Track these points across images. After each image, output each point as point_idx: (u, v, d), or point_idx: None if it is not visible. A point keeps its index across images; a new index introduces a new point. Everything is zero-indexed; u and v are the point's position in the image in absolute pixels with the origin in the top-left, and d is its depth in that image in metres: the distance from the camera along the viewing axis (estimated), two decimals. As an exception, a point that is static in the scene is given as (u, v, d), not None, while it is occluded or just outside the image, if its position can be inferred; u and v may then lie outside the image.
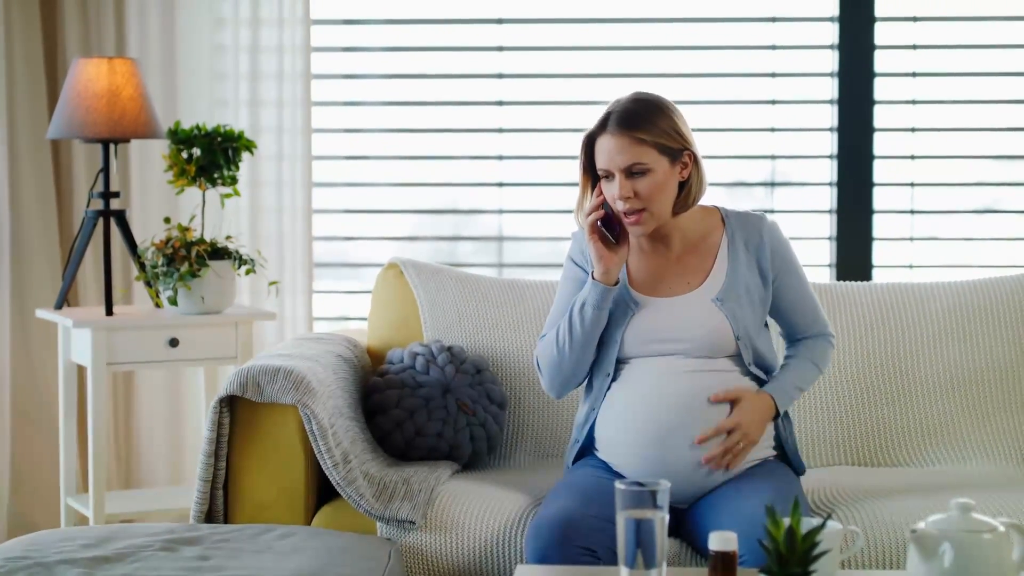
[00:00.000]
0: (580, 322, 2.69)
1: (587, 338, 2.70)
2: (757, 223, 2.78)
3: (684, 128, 2.68)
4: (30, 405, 4.24)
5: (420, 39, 4.39)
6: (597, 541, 2.48)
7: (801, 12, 4.34)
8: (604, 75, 4.35)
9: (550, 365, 2.76)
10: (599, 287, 2.67)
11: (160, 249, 3.65)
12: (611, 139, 2.64)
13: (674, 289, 2.74)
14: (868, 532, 2.69)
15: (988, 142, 4.35)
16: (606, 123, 2.66)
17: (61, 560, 2.42)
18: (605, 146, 2.65)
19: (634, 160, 2.63)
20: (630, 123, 2.63)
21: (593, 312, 2.68)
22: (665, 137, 2.64)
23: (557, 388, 2.78)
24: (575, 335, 2.70)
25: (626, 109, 2.65)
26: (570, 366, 2.73)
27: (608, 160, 2.65)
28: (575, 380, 2.77)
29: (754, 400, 2.67)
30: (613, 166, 2.64)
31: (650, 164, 2.63)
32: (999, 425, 3.19)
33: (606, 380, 2.73)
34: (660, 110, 2.66)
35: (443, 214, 4.48)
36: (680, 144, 2.67)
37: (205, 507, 2.85)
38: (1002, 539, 2.06)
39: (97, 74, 3.68)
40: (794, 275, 2.80)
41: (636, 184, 2.64)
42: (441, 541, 2.75)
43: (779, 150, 4.37)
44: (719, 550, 2.02)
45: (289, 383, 2.81)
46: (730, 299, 2.71)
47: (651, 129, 2.63)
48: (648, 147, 2.63)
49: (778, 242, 2.78)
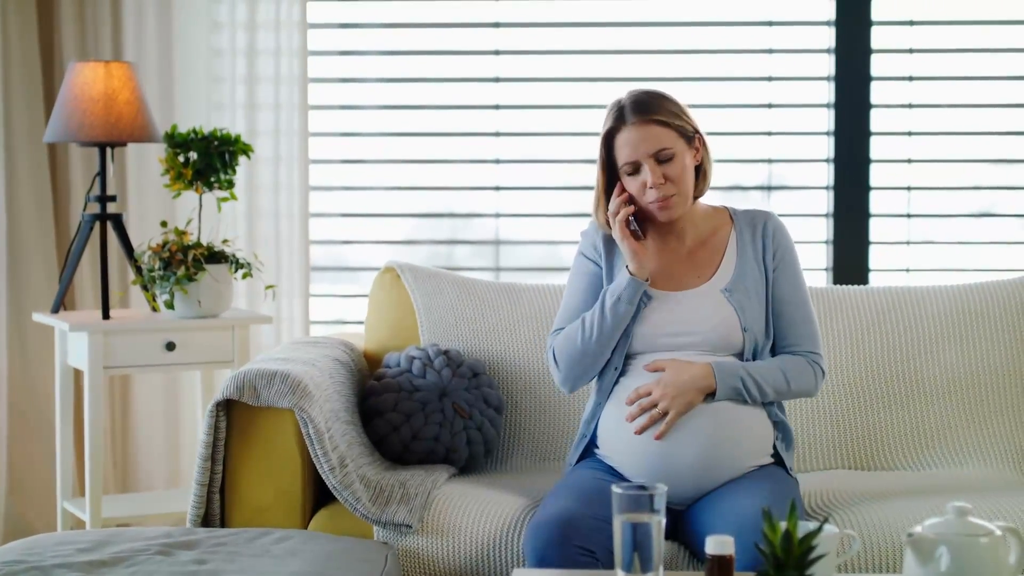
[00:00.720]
0: (613, 316, 2.71)
1: (614, 332, 2.73)
2: (762, 219, 2.84)
3: (690, 113, 2.75)
4: (27, 409, 4.24)
5: (417, 43, 4.39)
6: (596, 541, 2.48)
7: (798, 16, 4.34)
8: (601, 79, 4.35)
9: (570, 359, 2.77)
10: (636, 282, 2.70)
11: (157, 253, 3.65)
12: (634, 129, 2.68)
13: (685, 283, 2.78)
14: (865, 536, 2.69)
15: (985, 146, 4.35)
16: (623, 116, 2.70)
17: (58, 564, 2.42)
18: (629, 138, 2.69)
19: (661, 145, 2.68)
20: (647, 109, 2.69)
21: (626, 307, 2.70)
22: (680, 120, 2.71)
23: (572, 382, 2.80)
24: (605, 329, 2.72)
25: (637, 99, 2.71)
26: (591, 360, 2.75)
27: (633, 150, 2.68)
28: (591, 374, 2.79)
29: (684, 366, 2.67)
30: (640, 154, 2.68)
31: (674, 147, 2.69)
32: (996, 429, 3.19)
33: (615, 375, 2.76)
34: (666, 97, 2.73)
35: (440, 218, 4.48)
36: (692, 126, 2.73)
37: (202, 511, 2.85)
38: (998, 543, 2.06)
39: (94, 78, 3.68)
40: (790, 275, 2.81)
41: (665, 169, 2.69)
42: (438, 545, 2.75)
43: (776, 154, 4.37)
44: (715, 553, 2.02)
45: (286, 387, 2.81)
46: (738, 291, 2.75)
47: (665, 112, 2.69)
48: (670, 130, 2.69)
49: (781, 238, 2.82)
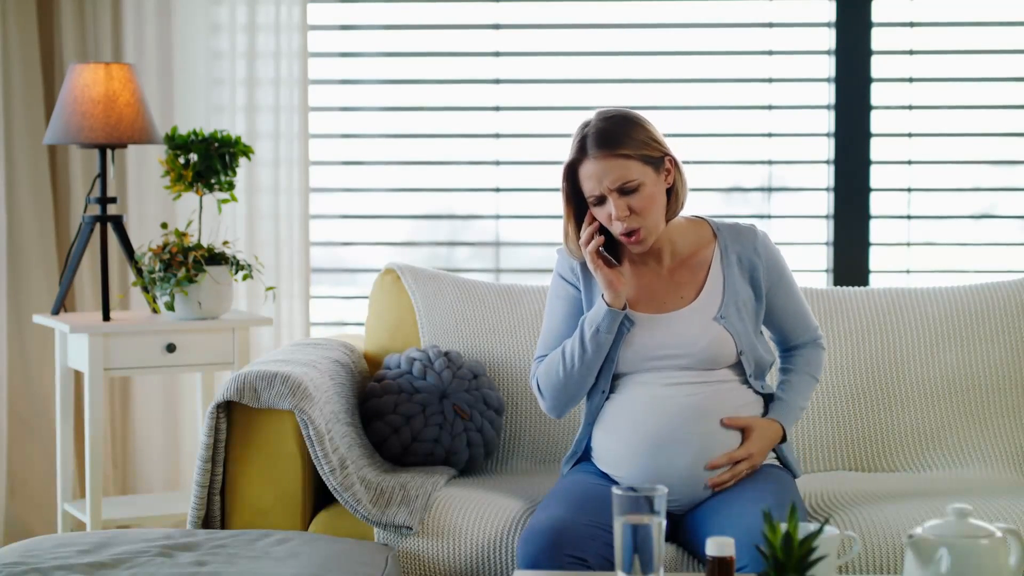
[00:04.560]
0: (593, 346, 2.68)
1: (596, 360, 2.70)
2: (750, 236, 2.77)
3: (658, 135, 2.67)
4: (27, 410, 4.24)
5: (417, 44, 4.39)
6: (588, 549, 2.48)
7: (798, 17, 4.34)
8: (601, 80, 4.35)
9: (554, 388, 2.75)
10: (612, 312, 2.66)
11: (157, 255, 3.65)
12: (595, 163, 2.62)
13: (668, 304, 2.74)
14: (865, 537, 2.69)
15: (985, 147, 4.35)
16: (584, 148, 2.64)
17: (58, 566, 2.42)
18: (590, 171, 2.63)
19: (623, 178, 2.61)
20: (609, 142, 2.62)
21: (605, 336, 2.67)
22: (645, 148, 2.63)
23: (559, 409, 2.78)
24: (586, 360, 2.69)
25: (600, 129, 2.64)
26: (575, 387, 2.73)
27: (596, 184, 2.63)
28: (578, 399, 2.77)
29: (764, 429, 2.69)
30: (603, 188, 2.63)
31: (639, 178, 2.62)
32: (996, 430, 3.19)
33: (602, 397, 2.74)
34: (632, 123, 2.65)
35: (440, 219, 4.48)
36: (660, 151, 2.66)
37: (202, 513, 2.85)
38: (999, 545, 2.06)
39: (94, 79, 3.68)
40: (786, 285, 2.80)
41: (630, 201, 2.62)
42: (438, 546, 2.75)
43: (776, 155, 4.37)
44: (716, 555, 2.02)
45: (286, 388, 2.81)
46: (730, 315, 2.71)
47: (630, 143, 2.62)
48: (633, 161, 2.62)
49: (771, 254, 2.78)
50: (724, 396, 2.68)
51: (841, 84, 4.29)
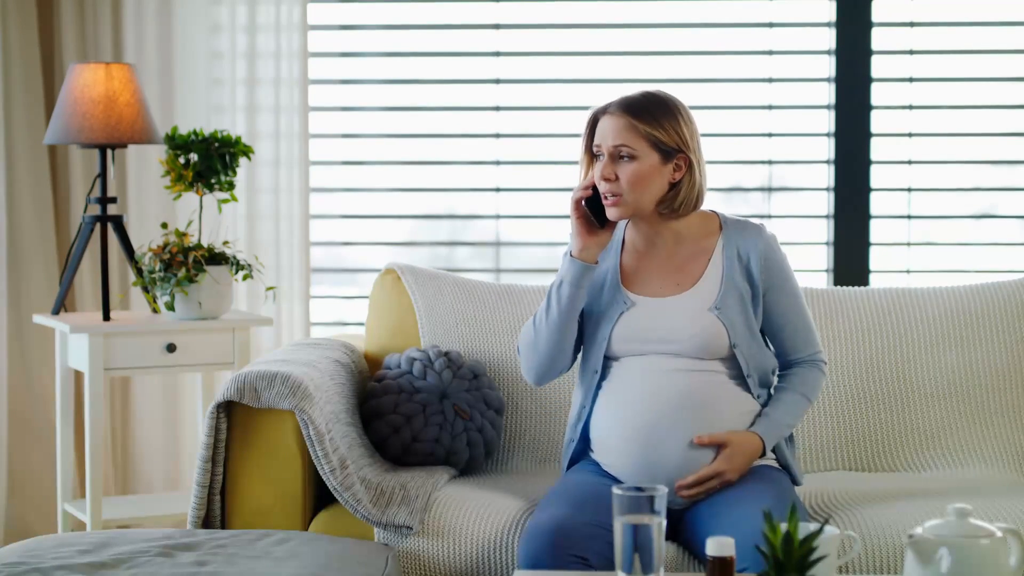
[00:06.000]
0: (557, 300, 2.71)
1: (564, 318, 2.71)
2: (754, 232, 2.78)
3: (686, 132, 2.69)
4: (27, 410, 4.24)
5: (417, 45, 4.39)
6: (589, 548, 2.48)
7: (798, 17, 4.34)
8: (601, 80, 4.35)
9: (527, 346, 2.78)
10: (576, 264, 2.69)
11: (157, 254, 3.65)
12: (610, 119, 2.69)
13: (665, 290, 2.75)
14: (865, 537, 2.69)
15: (985, 147, 4.35)
16: (611, 104, 2.71)
17: (58, 566, 2.42)
18: (604, 126, 2.70)
19: (623, 142, 2.66)
20: (631, 108, 2.68)
21: (570, 290, 2.69)
22: (661, 132, 2.66)
23: (534, 372, 2.79)
24: (551, 314, 2.72)
25: (632, 98, 2.70)
26: (546, 347, 2.74)
27: (602, 139, 2.69)
28: (554, 367, 2.77)
29: (740, 444, 2.66)
30: (604, 144, 2.68)
31: (637, 152, 2.66)
32: (996, 430, 3.19)
33: (595, 378, 2.74)
34: (666, 108, 2.69)
35: (440, 219, 4.48)
36: (676, 145, 2.68)
37: (202, 513, 2.85)
38: (999, 545, 2.06)
39: (94, 79, 3.68)
40: (788, 292, 2.77)
41: (619, 168, 2.67)
42: (438, 546, 2.75)
43: (776, 155, 4.37)
44: (716, 555, 2.02)
45: (286, 388, 2.81)
46: (726, 306, 2.71)
47: (648, 120, 2.66)
48: (640, 136, 2.66)
49: (772, 253, 2.76)
50: (716, 388, 2.68)
51: (841, 84, 4.29)
